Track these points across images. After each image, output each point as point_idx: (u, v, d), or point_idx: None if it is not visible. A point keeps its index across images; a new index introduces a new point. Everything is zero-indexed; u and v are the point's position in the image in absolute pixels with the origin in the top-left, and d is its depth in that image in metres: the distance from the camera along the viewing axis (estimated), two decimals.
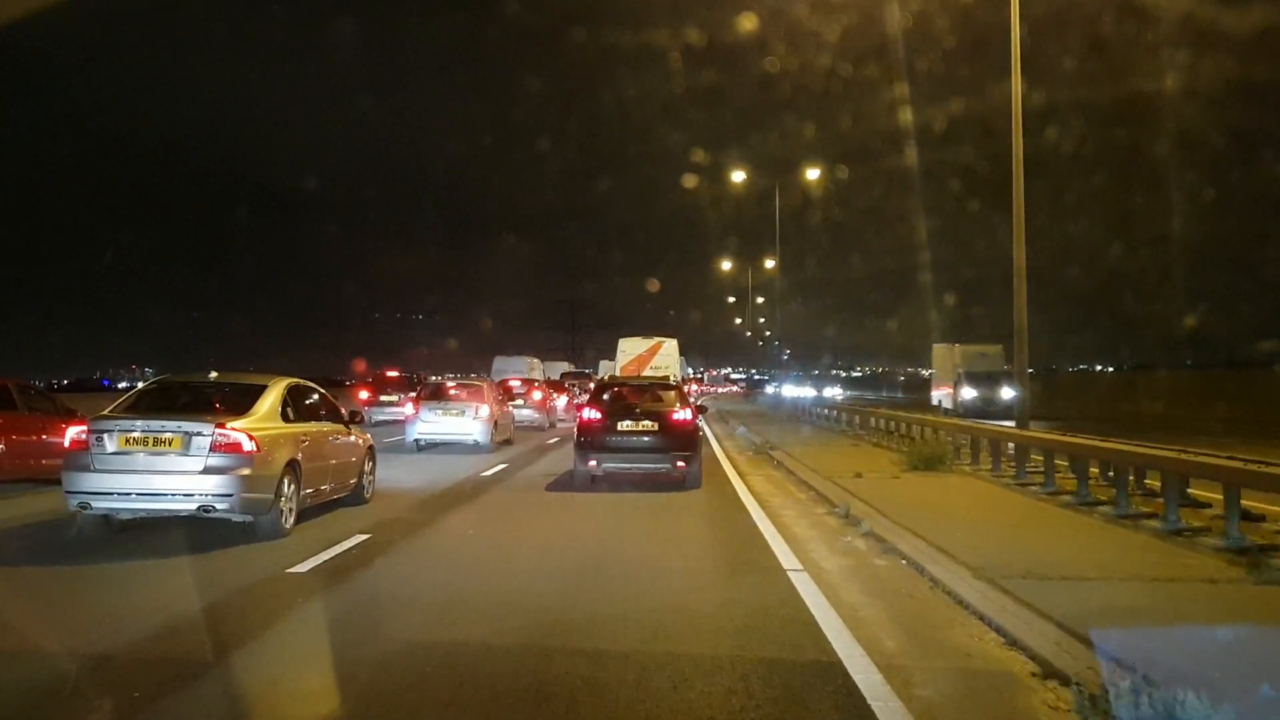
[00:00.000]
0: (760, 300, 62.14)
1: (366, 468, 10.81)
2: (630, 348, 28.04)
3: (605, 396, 13.38)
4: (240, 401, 8.69)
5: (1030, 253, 14.13)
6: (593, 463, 12.40)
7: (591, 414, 12.85)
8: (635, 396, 13.31)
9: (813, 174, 35.21)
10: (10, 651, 5.01)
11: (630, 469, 12.56)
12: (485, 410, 18.25)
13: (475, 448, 17.87)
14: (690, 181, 58.49)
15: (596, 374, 46.59)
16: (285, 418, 8.94)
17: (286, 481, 8.51)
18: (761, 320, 72.90)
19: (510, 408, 22.00)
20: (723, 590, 6.64)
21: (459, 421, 18.02)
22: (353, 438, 10.53)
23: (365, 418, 11.56)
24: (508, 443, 19.71)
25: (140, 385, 9.33)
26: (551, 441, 21.06)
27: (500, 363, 43.59)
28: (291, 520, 8.63)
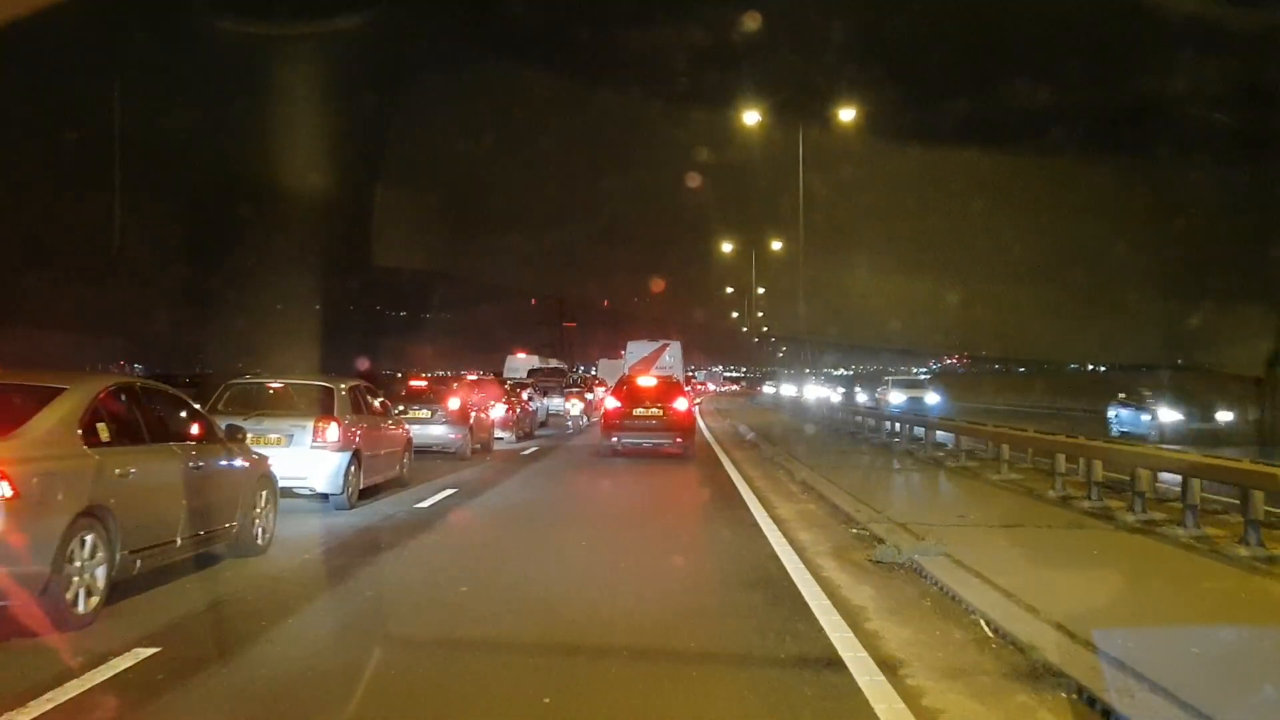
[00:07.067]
0: (761, 291, 61.78)
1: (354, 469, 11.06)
2: (639, 350, 33.15)
3: (624, 390, 18.01)
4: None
5: (1032, 250, 14.26)
6: (615, 439, 16.99)
7: (614, 403, 17.61)
8: (647, 390, 17.86)
9: (847, 115, 27.12)
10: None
11: (641, 442, 16.88)
12: (333, 433, 9.95)
13: (314, 499, 10.01)
14: (694, 180, 59.12)
15: (597, 373, 47.69)
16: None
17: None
18: (760, 314, 72.92)
19: (405, 427, 12.80)
20: None
21: (281, 455, 9.18)
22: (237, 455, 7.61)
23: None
24: (398, 483, 11.90)
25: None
26: (444, 495, 11.50)
27: (512, 362, 41.96)
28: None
